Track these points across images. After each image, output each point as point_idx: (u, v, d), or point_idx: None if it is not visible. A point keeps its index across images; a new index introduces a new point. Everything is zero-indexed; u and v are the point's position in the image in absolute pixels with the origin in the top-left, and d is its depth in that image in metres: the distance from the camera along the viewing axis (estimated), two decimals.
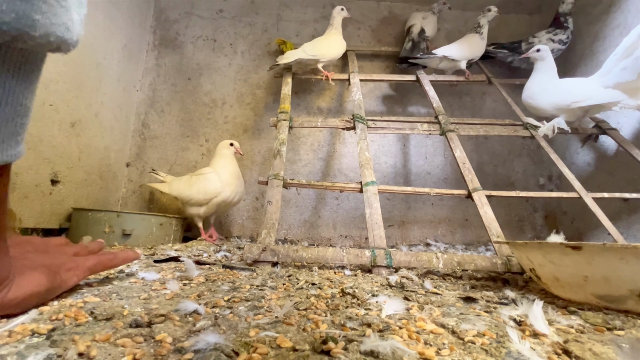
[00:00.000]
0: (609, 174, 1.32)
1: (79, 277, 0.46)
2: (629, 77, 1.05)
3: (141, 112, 1.64)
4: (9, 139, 0.26)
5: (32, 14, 0.21)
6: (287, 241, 1.50)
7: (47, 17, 0.22)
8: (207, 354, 0.29)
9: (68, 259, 0.45)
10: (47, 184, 1.10)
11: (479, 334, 0.37)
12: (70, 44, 0.25)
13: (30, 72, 0.26)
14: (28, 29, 0.21)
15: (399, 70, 1.69)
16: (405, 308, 0.47)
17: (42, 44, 0.23)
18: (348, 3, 1.84)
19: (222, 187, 1.25)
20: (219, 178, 1.25)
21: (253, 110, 1.69)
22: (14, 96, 0.25)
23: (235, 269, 0.75)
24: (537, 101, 1.27)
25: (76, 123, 1.21)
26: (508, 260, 0.81)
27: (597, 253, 0.48)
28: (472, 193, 1.04)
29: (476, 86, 1.73)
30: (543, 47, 1.29)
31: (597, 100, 1.13)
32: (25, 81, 0.26)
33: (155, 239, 1.17)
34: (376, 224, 0.92)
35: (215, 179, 1.25)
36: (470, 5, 1.84)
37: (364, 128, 1.22)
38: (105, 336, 0.32)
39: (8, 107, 0.25)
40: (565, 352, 0.34)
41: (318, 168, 1.65)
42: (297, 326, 0.39)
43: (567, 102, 1.19)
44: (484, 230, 0.95)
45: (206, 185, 1.24)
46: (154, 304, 0.45)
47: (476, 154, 1.69)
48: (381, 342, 0.32)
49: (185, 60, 1.71)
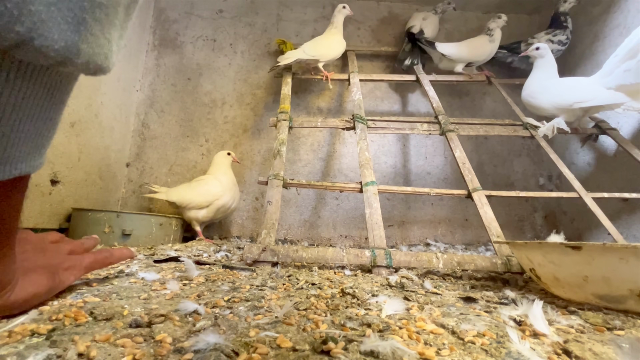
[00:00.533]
0: (608, 174, 1.32)
1: (76, 276, 0.47)
2: (632, 80, 1.05)
3: (141, 112, 1.64)
4: (34, 151, 0.28)
5: (79, 43, 0.23)
6: (287, 241, 1.50)
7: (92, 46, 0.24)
8: (207, 354, 0.29)
9: (65, 258, 0.46)
10: (47, 184, 1.10)
11: (479, 334, 0.37)
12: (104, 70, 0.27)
13: (64, 91, 0.28)
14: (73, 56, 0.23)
15: (399, 70, 1.69)
16: (405, 308, 0.47)
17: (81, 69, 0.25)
18: (348, 3, 1.83)
19: (223, 191, 1.29)
20: (219, 183, 1.30)
21: (253, 110, 1.69)
22: (45, 112, 0.27)
23: (235, 269, 0.75)
24: (538, 100, 1.26)
25: (76, 123, 1.21)
26: (508, 260, 0.81)
27: (597, 253, 0.48)
28: (472, 193, 1.04)
29: (476, 86, 1.73)
30: (542, 45, 1.29)
31: (600, 101, 1.12)
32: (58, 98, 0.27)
33: (155, 239, 1.17)
34: (376, 224, 0.92)
35: (217, 183, 1.30)
36: (470, 5, 1.84)
37: (363, 128, 1.22)
38: (105, 336, 0.32)
39: (39, 122, 0.27)
40: (565, 352, 0.34)
41: (318, 168, 1.65)
42: (297, 326, 0.39)
43: (569, 102, 1.18)
44: (484, 230, 0.95)
45: (208, 188, 1.28)
46: (154, 304, 0.45)
47: (476, 154, 1.69)
48: (381, 342, 0.32)
49: (185, 60, 1.71)
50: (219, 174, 1.33)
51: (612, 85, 1.10)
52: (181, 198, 1.27)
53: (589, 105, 1.15)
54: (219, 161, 1.36)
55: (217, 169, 1.34)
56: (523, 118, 1.35)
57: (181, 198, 1.27)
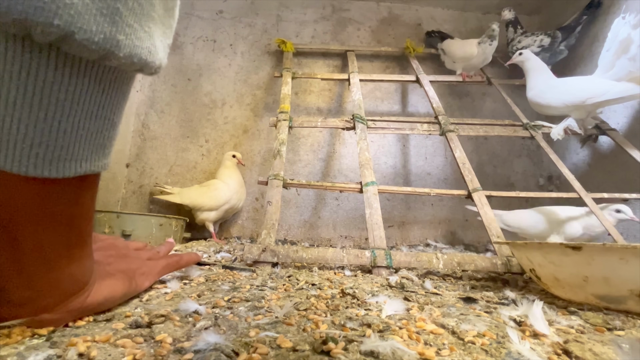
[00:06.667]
0: (608, 174, 1.32)
1: (150, 281, 0.49)
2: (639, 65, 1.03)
3: (141, 112, 1.64)
4: (98, 150, 0.29)
5: (117, 35, 0.24)
6: (287, 242, 1.50)
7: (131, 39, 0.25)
8: (207, 354, 0.29)
9: (143, 263, 0.49)
10: None
11: (479, 335, 0.37)
12: (152, 67, 0.28)
13: (119, 90, 0.29)
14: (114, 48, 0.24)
15: (399, 70, 1.69)
16: (405, 308, 0.47)
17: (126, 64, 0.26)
18: (348, 3, 1.84)
19: (231, 195, 1.38)
20: (228, 187, 1.38)
21: (253, 110, 1.69)
22: (102, 110, 0.28)
23: (235, 270, 0.75)
24: (546, 99, 1.23)
25: None
26: (508, 261, 0.81)
27: (597, 253, 0.48)
28: (472, 193, 1.04)
29: (476, 87, 1.73)
30: (523, 51, 1.31)
31: (614, 95, 1.08)
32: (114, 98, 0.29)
33: (155, 240, 1.16)
34: (376, 224, 0.92)
35: (225, 188, 1.38)
36: (470, 6, 1.84)
37: (363, 128, 1.22)
38: (105, 337, 0.32)
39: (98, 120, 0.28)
40: (566, 352, 0.34)
41: (318, 168, 1.65)
42: (297, 326, 0.39)
43: (582, 98, 1.14)
44: (484, 230, 0.95)
45: (217, 194, 1.36)
46: (154, 304, 0.45)
47: (476, 154, 1.69)
48: (381, 343, 0.32)
49: (185, 60, 1.71)
50: (227, 178, 1.41)
51: (619, 76, 1.08)
52: (194, 201, 1.35)
53: (604, 99, 1.11)
54: (225, 163, 1.44)
55: (224, 171, 1.42)
56: (523, 118, 1.35)
57: (194, 201, 1.35)
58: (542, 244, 0.56)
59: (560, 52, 1.50)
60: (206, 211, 1.36)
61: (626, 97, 1.08)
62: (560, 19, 1.61)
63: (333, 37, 1.81)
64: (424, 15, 1.86)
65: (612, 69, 1.10)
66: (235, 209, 1.44)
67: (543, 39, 1.49)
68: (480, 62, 1.50)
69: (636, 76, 1.05)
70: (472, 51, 1.49)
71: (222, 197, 1.36)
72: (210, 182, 1.41)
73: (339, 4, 1.84)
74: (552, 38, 1.48)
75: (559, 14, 1.68)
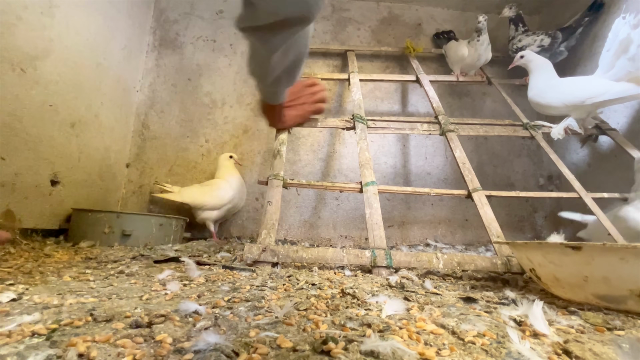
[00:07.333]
0: (608, 174, 1.32)
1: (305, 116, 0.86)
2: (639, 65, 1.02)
3: (141, 112, 1.64)
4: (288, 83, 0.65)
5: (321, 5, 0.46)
6: (287, 241, 1.50)
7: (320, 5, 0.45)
8: (207, 355, 0.29)
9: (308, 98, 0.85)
10: (47, 185, 1.10)
11: (479, 335, 0.37)
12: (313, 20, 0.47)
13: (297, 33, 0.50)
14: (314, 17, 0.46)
15: (398, 70, 1.69)
16: (405, 308, 0.47)
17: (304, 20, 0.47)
18: (348, 3, 1.84)
19: (234, 194, 1.38)
20: (230, 186, 1.38)
21: (253, 110, 1.69)
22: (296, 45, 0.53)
23: (235, 270, 0.75)
24: (547, 99, 1.23)
25: (76, 124, 1.21)
26: (508, 261, 0.81)
27: (597, 253, 0.48)
28: (472, 193, 1.04)
29: (476, 86, 1.73)
30: (524, 52, 1.30)
31: (613, 95, 1.08)
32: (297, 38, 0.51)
33: (155, 240, 1.17)
34: (376, 224, 0.92)
35: (228, 187, 1.38)
36: (470, 6, 1.84)
37: (363, 128, 1.22)
38: (105, 337, 0.32)
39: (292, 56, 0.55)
40: (566, 352, 0.34)
41: (318, 168, 1.65)
42: (297, 326, 0.39)
43: (582, 98, 1.14)
44: (484, 230, 0.95)
45: (219, 193, 1.36)
46: (154, 304, 0.45)
47: (476, 154, 1.69)
48: (381, 343, 0.32)
49: (185, 60, 1.71)
50: (228, 177, 1.40)
51: (619, 76, 1.08)
52: (195, 200, 1.34)
53: (603, 99, 1.11)
54: (223, 164, 1.43)
55: (224, 171, 1.41)
56: (523, 118, 1.34)
57: (195, 200, 1.34)
58: (542, 244, 0.56)
59: (560, 53, 1.49)
60: (208, 210, 1.35)
61: (626, 97, 1.09)
62: (560, 19, 1.61)
63: (333, 36, 1.81)
64: (424, 15, 1.86)
65: (613, 69, 1.09)
66: (236, 208, 1.44)
67: (543, 39, 1.49)
68: (475, 60, 1.50)
69: (636, 76, 1.05)
70: (464, 52, 1.49)
71: (225, 196, 1.35)
72: (212, 182, 1.40)
73: (339, 3, 1.84)
74: (553, 38, 1.47)
75: (559, 14, 1.68)
